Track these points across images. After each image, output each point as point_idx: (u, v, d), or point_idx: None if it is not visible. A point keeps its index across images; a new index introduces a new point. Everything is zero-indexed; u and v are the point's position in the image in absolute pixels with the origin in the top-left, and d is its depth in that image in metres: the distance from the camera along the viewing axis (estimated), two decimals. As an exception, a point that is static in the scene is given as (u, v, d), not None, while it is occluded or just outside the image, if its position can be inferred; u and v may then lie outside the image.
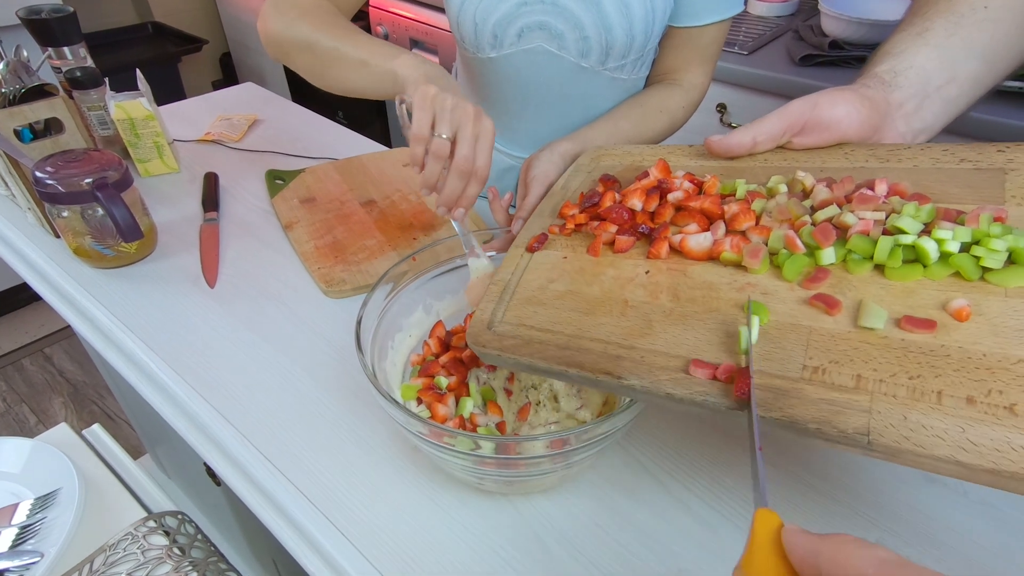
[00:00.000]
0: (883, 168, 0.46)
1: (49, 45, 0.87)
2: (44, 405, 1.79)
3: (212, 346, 0.62)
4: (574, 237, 0.50)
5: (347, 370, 0.59)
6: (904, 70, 0.49)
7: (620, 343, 0.39)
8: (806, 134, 0.49)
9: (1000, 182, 0.40)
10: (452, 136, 0.52)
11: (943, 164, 0.44)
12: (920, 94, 0.49)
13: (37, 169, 0.65)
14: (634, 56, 0.72)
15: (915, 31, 0.50)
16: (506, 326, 0.44)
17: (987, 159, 0.43)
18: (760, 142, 0.50)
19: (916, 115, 0.49)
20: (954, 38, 0.49)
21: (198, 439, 0.55)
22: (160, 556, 0.60)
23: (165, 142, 0.88)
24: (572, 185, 0.57)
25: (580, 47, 0.70)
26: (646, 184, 0.50)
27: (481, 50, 0.73)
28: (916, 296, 0.35)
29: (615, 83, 0.75)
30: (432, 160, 0.53)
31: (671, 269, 0.44)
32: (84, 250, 0.70)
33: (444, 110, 0.52)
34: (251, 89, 1.20)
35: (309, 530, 0.47)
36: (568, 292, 0.44)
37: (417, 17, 1.74)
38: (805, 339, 0.35)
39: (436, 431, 0.41)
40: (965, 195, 0.41)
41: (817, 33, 1.28)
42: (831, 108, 0.48)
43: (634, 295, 0.42)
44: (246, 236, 0.78)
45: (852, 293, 0.37)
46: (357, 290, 0.68)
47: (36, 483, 0.65)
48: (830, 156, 0.49)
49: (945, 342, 0.32)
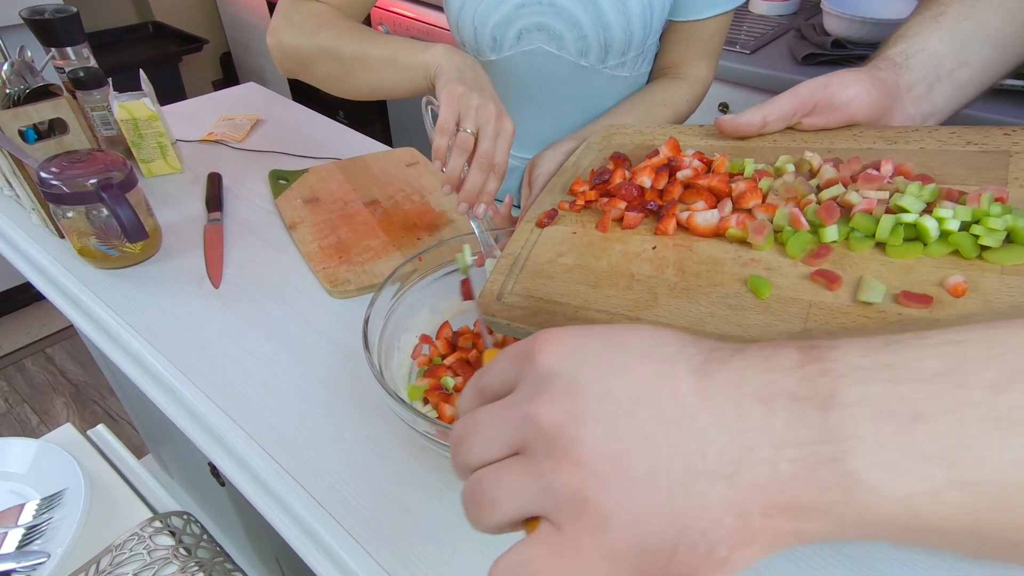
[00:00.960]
0: (890, 150, 0.46)
1: (52, 45, 0.87)
2: (46, 405, 1.80)
3: (217, 346, 0.62)
4: (584, 213, 0.51)
5: (352, 370, 0.59)
6: (916, 53, 0.49)
7: (626, 314, 0.40)
8: (816, 115, 0.49)
9: (1004, 164, 0.41)
10: (476, 132, 0.54)
11: (949, 146, 0.45)
12: (931, 77, 0.49)
13: (42, 170, 0.65)
14: (633, 53, 0.72)
15: (930, 15, 0.51)
16: (515, 297, 0.44)
17: (992, 142, 0.43)
18: (770, 122, 0.50)
19: (926, 98, 0.50)
20: (967, 22, 0.49)
21: (204, 439, 0.56)
22: (166, 556, 0.60)
23: (168, 142, 0.88)
24: (583, 163, 0.58)
25: (579, 46, 0.70)
26: (655, 162, 0.51)
27: (481, 53, 0.74)
28: (915, 273, 0.36)
29: (616, 80, 0.75)
30: (456, 153, 0.54)
31: (677, 245, 0.44)
32: (89, 250, 0.70)
33: (470, 108, 0.54)
34: (253, 89, 1.20)
35: (316, 529, 0.47)
36: (576, 266, 0.45)
37: (418, 16, 1.74)
38: (805, 313, 0.36)
39: (444, 431, 0.41)
40: (969, 176, 0.41)
41: (819, 32, 1.28)
42: (842, 89, 0.48)
43: (640, 269, 0.43)
44: (250, 236, 0.78)
45: (853, 269, 0.38)
46: (362, 290, 0.68)
47: (42, 484, 0.66)
48: (839, 137, 0.49)
49: (940, 317, 0.33)
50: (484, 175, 0.55)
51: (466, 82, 0.55)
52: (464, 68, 0.57)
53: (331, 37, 0.64)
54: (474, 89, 0.55)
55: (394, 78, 0.61)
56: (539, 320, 0.42)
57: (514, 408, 0.22)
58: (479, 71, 0.58)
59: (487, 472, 0.22)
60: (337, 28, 0.64)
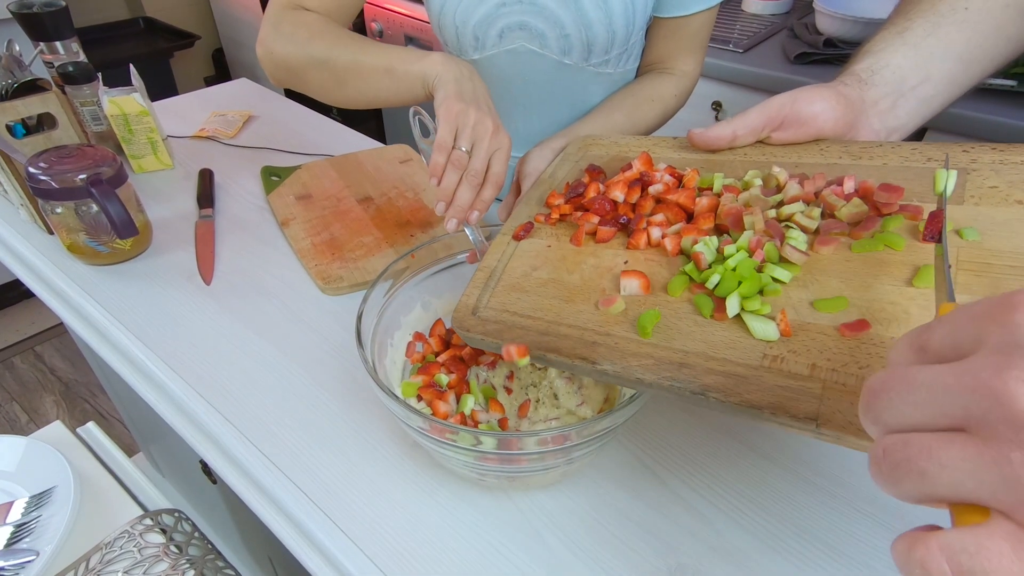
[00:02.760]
0: (855, 165, 0.47)
1: (41, 39, 0.86)
2: (35, 403, 1.78)
3: (208, 343, 0.62)
4: (559, 226, 0.51)
5: (345, 367, 0.59)
6: (880, 68, 0.50)
7: (596, 330, 0.41)
8: (784, 129, 0.50)
9: (961, 182, 0.42)
10: (471, 149, 0.55)
11: (911, 163, 0.46)
12: (895, 93, 0.50)
13: (30, 165, 0.65)
14: (617, 51, 0.72)
15: (896, 30, 0.51)
16: (490, 311, 0.45)
17: (952, 159, 0.44)
18: (740, 136, 0.51)
19: (891, 113, 0.50)
20: (931, 38, 0.50)
21: (195, 436, 0.55)
22: (157, 554, 0.60)
23: (159, 138, 0.87)
24: (559, 174, 0.58)
25: (561, 45, 0.70)
26: (628, 176, 0.51)
27: (464, 52, 0.74)
28: (873, 290, 0.37)
29: (601, 78, 0.75)
30: (451, 171, 0.54)
31: (648, 260, 0.45)
32: (78, 247, 0.69)
33: (466, 126, 0.54)
34: (245, 85, 1.20)
35: (307, 527, 0.47)
36: (551, 280, 0.46)
37: (412, 13, 1.74)
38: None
39: (438, 427, 0.41)
40: (928, 192, 0.43)
41: (812, 31, 1.29)
42: (808, 104, 0.49)
43: (612, 284, 0.44)
44: (242, 233, 0.77)
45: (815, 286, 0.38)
46: (354, 287, 0.68)
47: (31, 481, 0.65)
48: (806, 152, 0.50)
49: (895, 334, 0.34)
50: (473, 192, 0.55)
51: (464, 96, 0.55)
52: (463, 78, 0.57)
53: (324, 47, 0.63)
54: (472, 103, 0.55)
55: (390, 88, 0.61)
56: (512, 335, 0.42)
57: (972, 376, 0.19)
58: (476, 80, 0.58)
59: (922, 437, 0.19)
60: (330, 37, 0.64)
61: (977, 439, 0.18)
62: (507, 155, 0.56)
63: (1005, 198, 0.40)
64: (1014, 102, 1.03)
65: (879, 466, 0.20)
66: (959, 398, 0.19)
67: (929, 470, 0.19)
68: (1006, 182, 0.41)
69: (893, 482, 0.20)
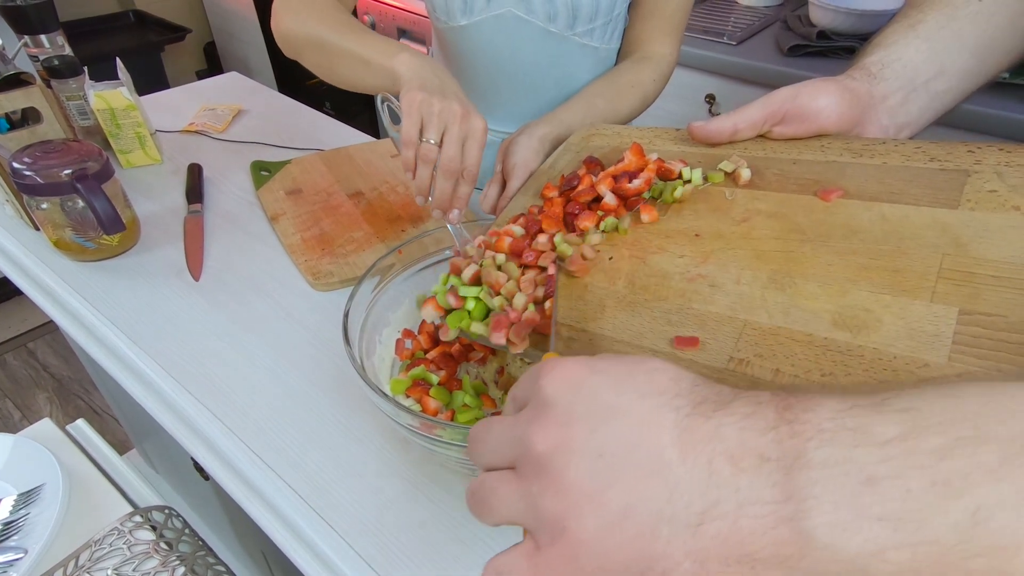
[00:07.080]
0: (854, 163, 0.45)
1: (25, 33, 0.85)
2: (28, 400, 1.77)
3: (197, 339, 0.61)
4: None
5: (335, 363, 0.59)
6: (892, 62, 0.49)
7: (572, 325, 0.41)
8: (786, 124, 0.49)
9: (960, 184, 0.40)
10: (440, 139, 0.53)
11: (912, 162, 0.44)
12: (906, 87, 0.49)
13: (14, 160, 0.64)
14: (602, 20, 0.74)
15: (908, 23, 0.50)
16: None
17: (955, 160, 0.42)
18: (741, 130, 0.50)
19: (901, 108, 0.49)
20: (945, 31, 0.48)
21: (184, 434, 0.55)
22: (147, 551, 0.60)
23: (147, 132, 0.86)
24: (559, 165, 0.58)
25: (547, 10, 0.71)
26: (612, 170, 0.51)
27: (452, 17, 0.74)
28: (850, 296, 0.36)
29: (586, 51, 0.76)
30: (422, 165, 0.54)
31: (632, 256, 0.45)
32: (65, 243, 0.69)
33: (431, 114, 0.53)
34: (236, 79, 1.18)
35: (298, 524, 0.47)
36: None
37: (404, 6, 1.72)
38: (739, 331, 0.37)
39: (428, 424, 0.40)
40: (924, 196, 0.41)
41: (805, 23, 1.28)
42: (812, 99, 0.48)
43: (594, 279, 0.44)
44: (231, 228, 0.77)
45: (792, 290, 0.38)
46: (345, 283, 0.67)
47: (19, 479, 0.65)
48: (807, 147, 0.49)
49: (863, 343, 0.33)
50: (451, 181, 0.55)
51: (427, 86, 0.54)
52: (426, 75, 0.56)
53: (321, 29, 0.64)
54: (436, 93, 0.54)
55: (367, 78, 0.62)
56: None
57: (515, 427, 0.24)
58: (444, 75, 0.58)
59: (489, 478, 0.25)
60: (329, 20, 0.65)
61: (519, 476, 0.24)
62: (480, 142, 0.55)
63: (1003, 203, 0.38)
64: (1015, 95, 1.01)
65: (468, 501, 0.26)
66: (511, 445, 0.24)
67: (493, 503, 0.24)
68: (1007, 186, 0.39)
69: (476, 513, 0.25)
